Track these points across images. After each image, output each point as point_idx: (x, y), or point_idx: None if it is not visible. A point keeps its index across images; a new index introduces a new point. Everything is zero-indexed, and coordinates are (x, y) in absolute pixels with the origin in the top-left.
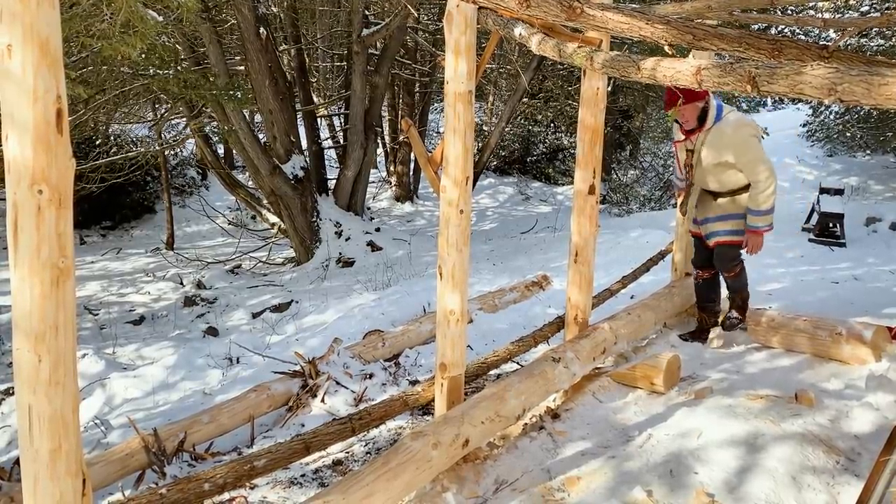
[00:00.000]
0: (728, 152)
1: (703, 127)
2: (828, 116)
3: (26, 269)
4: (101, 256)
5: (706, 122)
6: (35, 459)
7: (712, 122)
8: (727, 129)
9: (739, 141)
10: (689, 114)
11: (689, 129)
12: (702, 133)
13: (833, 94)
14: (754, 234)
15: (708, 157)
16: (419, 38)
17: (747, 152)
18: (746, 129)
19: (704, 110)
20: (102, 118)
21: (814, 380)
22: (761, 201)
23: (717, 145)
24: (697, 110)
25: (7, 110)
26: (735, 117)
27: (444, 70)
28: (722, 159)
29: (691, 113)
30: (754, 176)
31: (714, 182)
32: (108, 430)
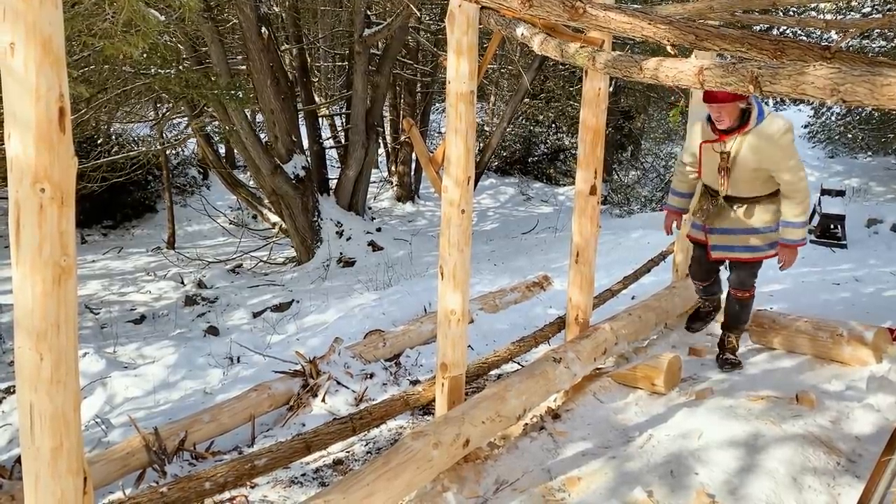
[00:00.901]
0: (770, 158)
1: (745, 128)
2: (829, 118)
3: (28, 266)
4: (102, 255)
5: (749, 122)
6: (36, 457)
7: (754, 124)
8: (772, 131)
9: (785, 145)
10: (726, 113)
11: (725, 129)
12: (741, 134)
13: (836, 94)
14: (790, 248)
15: (747, 161)
16: (421, 38)
17: (791, 158)
18: (790, 135)
19: (746, 111)
20: (104, 117)
21: (815, 381)
22: (800, 212)
23: (760, 149)
24: (738, 110)
25: (9, 108)
26: (779, 119)
27: (445, 70)
28: (763, 166)
29: (730, 112)
30: (795, 184)
31: (747, 189)
32: (108, 429)
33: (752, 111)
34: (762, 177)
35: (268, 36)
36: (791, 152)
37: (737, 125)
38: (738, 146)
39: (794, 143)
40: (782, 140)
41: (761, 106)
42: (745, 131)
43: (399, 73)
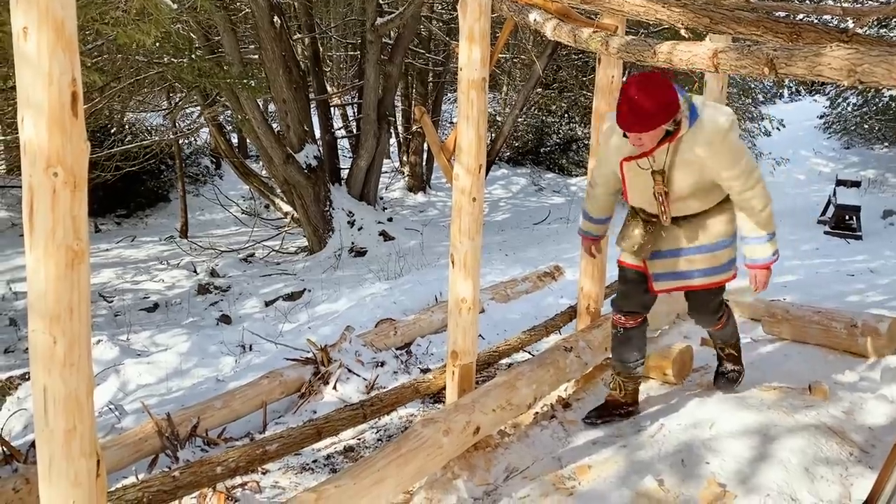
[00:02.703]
0: (713, 166)
1: (676, 135)
2: (845, 108)
3: (41, 250)
4: (115, 244)
5: (679, 128)
6: (50, 440)
7: (686, 128)
8: (711, 133)
9: (729, 146)
10: (649, 138)
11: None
12: (671, 144)
13: (853, 75)
14: (760, 269)
15: (684, 175)
16: (433, 28)
17: (738, 160)
18: (734, 132)
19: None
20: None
21: (828, 372)
22: (764, 222)
23: (698, 158)
24: (662, 131)
25: (23, 93)
26: (717, 115)
27: (457, 59)
28: (705, 176)
29: (654, 136)
30: (750, 191)
31: (690, 206)
32: (122, 415)
33: (682, 117)
34: (706, 187)
35: (280, 25)
36: (738, 153)
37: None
38: (670, 159)
39: (739, 139)
40: (726, 141)
41: (693, 105)
42: (678, 137)
43: (411, 63)
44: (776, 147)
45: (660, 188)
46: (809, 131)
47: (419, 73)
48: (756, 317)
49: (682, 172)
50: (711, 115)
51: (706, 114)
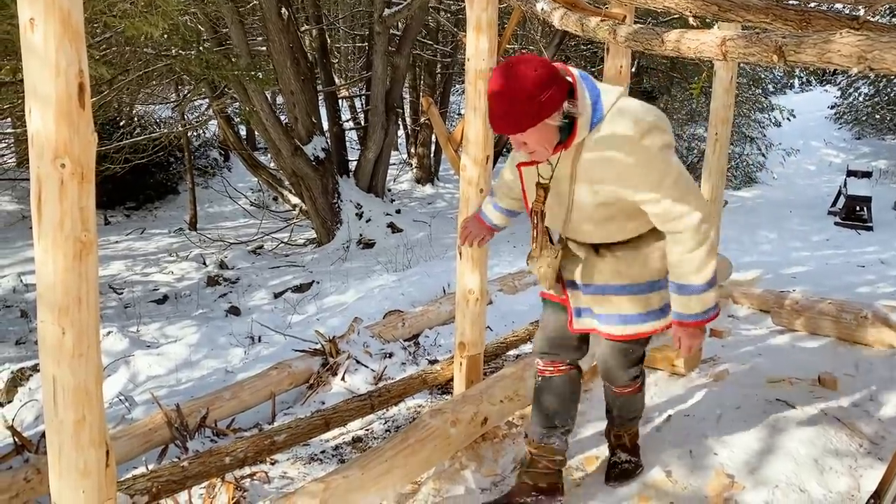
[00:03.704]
0: (621, 180)
1: (571, 140)
2: (857, 98)
3: (49, 242)
4: (125, 236)
5: (574, 133)
6: (59, 430)
7: (586, 132)
8: (618, 135)
9: (641, 162)
10: (535, 141)
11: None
12: (568, 150)
13: (863, 62)
14: (688, 327)
15: (584, 192)
16: (441, 18)
17: (659, 181)
18: (657, 136)
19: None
20: (126, 99)
21: (838, 363)
22: (695, 267)
23: (601, 169)
24: (551, 130)
25: (30, 84)
26: (630, 113)
27: (465, 49)
28: (611, 196)
29: (541, 138)
30: (675, 224)
31: (597, 232)
32: (132, 406)
33: (578, 115)
34: (626, 209)
35: (288, 17)
36: (657, 169)
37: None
38: (568, 169)
39: (663, 149)
40: (637, 151)
41: (597, 90)
42: (577, 142)
43: (419, 54)
44: (786, 138)
45: (538, 206)
46: (820, 121)
47: (427, 64)
48: (765, 308)
49: (585, 188)
50: (623, 114)
51: (616, 112)
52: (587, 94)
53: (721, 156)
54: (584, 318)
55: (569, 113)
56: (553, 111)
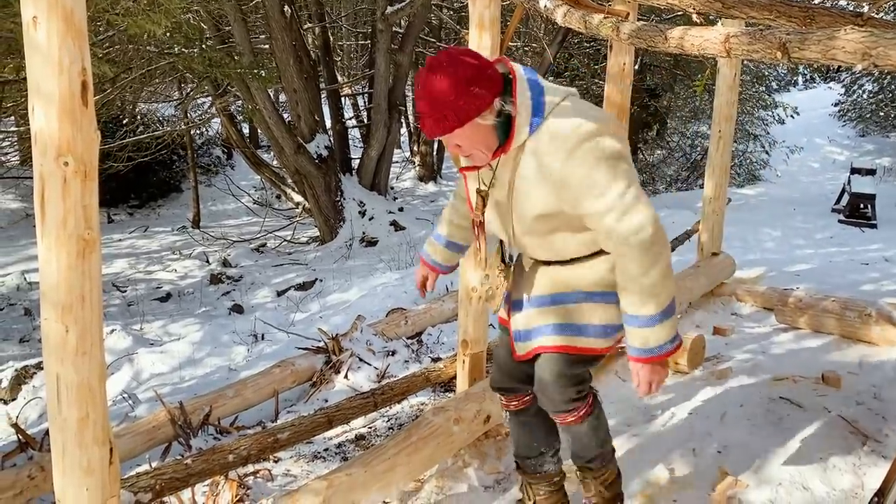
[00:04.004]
0: (560, 190)
1: (509, 144)
2: (861, 96)
3: (53, 240)
4: (128, 234)
5: (512, 135)
6: (63, 428)
7: (525, 135)
8: (557, 138)
9: (580, 168)
10: (469, 143)
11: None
12: (508, 154)
13: (867, 58)
14: (646, 363)
15: (526, 205)
16: (443, 16)
17: (602, 192)
18: (593, 144)
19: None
20: (129, 97)
21: (841, 361)
22: (645, 293)
23: (539, 176)
24: (484, 130)
25: (33, 82)
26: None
27: (468, 47)
28: (552, 207)
29: (474, 138)
30: (617, 240)
31: (540, 248)
32: (135, 404)
33: (518, 116)
34: (565, 225)
35: (290, 14)
36: (601, 174)
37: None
38: (507, 174)
39: (611, 157)
40: (577, 155)
41: (541, 87)
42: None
43: (422, 52)
44: (790, 135)
45: (477, 215)
46: (824, 119)
47: None
48: (769, 305)
49: (523, 197)
50: (565, 116)
51: (558, 114)
52: (528, 93)
53: (724, 153)
54: (520, 344)
55: (503, 111)
56: (481, 109)
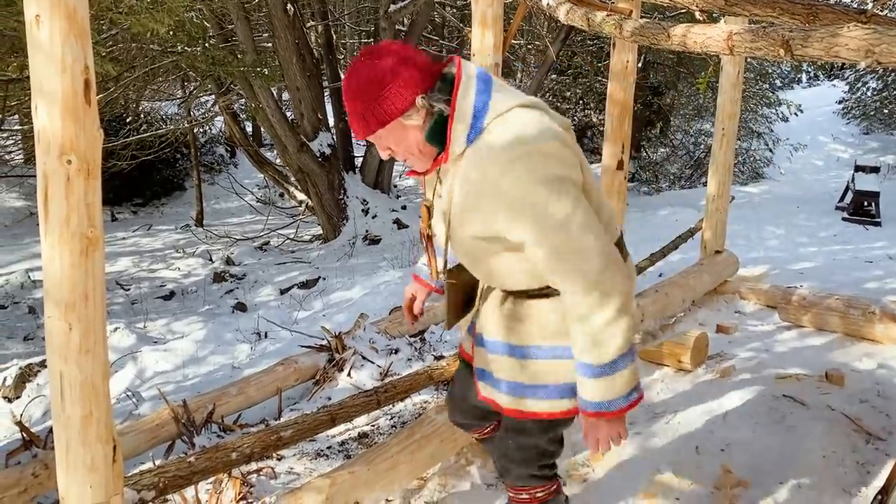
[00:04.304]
0: (488, 213)
1: (447, 151)
2: (865, 93)
3: (56, 238)
4: (132, 232)
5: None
6: (67, 426)
7: (464, 144)
8: (489, 158)
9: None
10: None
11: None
12: (448, 162)
13: (870, 55)
14: (595, 419)
15: (463, 223)
16: (447, 14)
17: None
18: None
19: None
20: (132, 95)
21: (845, 359)
22: (590, 339)
23: (469, 195)
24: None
25: (36, 81)
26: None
27: (471, 45)
28: (480, 230)
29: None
30: (556, 276)
31: (478, 271)
32: (139, 402)
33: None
34: (507, 250)
35: (293, 13)
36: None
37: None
38: (448, 185)
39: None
40: (512, 172)
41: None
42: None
43: (425, 50)
44: (794, 133)
45: (424, 228)
46: (828, 116)
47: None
48: (772, 303)
49: (459, 213)
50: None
51: (499, 123)
52: (472, 98)
53: (728, 151)
54: (481, 384)
55: (434, 113)
56: (403, 108)
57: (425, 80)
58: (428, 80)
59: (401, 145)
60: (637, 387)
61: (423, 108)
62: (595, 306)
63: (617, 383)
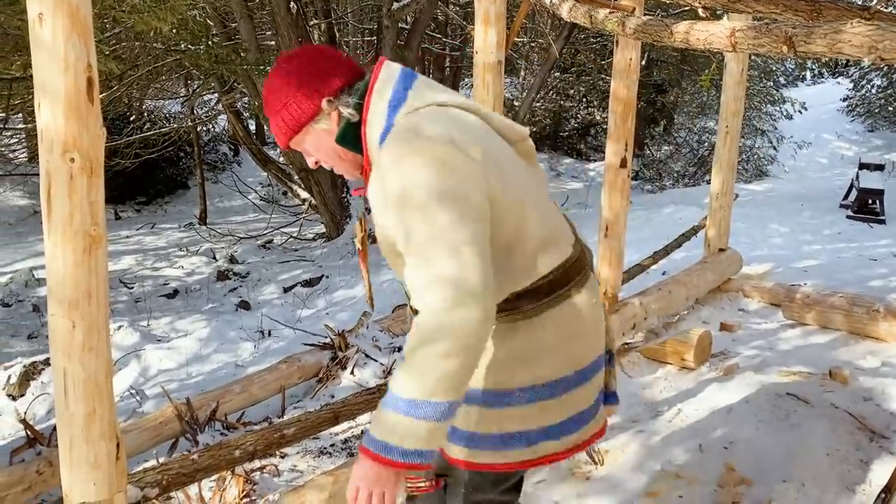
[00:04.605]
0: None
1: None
2: (869, 91)
3: (59, 236)
4: (135, 231)
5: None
6: (70, 423)
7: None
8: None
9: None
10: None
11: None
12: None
13: (874, 52)
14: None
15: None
16: (450, 12)
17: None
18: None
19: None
20: (136, 94)
21: (849, 357)
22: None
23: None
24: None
25: (39, 79)
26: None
27: (474, 43)
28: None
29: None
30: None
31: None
32: (143, 400)
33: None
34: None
35: (296, 11)
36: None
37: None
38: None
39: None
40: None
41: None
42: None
43: (428, 48)
44: (798, 130)
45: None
46: (832, 114)
47: (436, 58)
48: (776, 302)
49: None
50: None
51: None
52: (389, 95)
53: (732, 149)
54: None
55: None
56: (312, 113)
57: (334, 82)
58: (338, 83)
59: (320, 152)
60: (424, 454)
61: (334, 112)
62: (424, 341)
63: (415, 430)
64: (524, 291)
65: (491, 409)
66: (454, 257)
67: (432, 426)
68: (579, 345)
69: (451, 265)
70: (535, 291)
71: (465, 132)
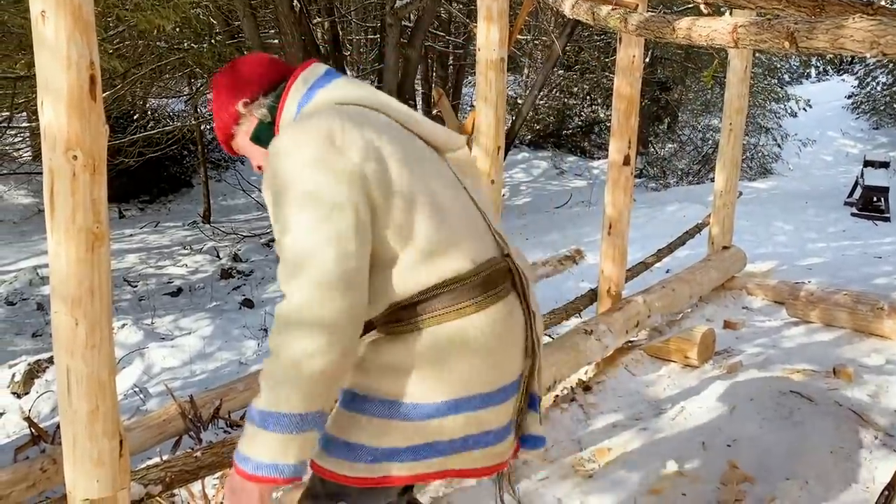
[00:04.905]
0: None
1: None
2: (874, 88)
3: (62, 234)
4: (139, 229)
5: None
6: (73, 420)
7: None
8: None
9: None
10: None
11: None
12: None
13: (876, 47)
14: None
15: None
16: (453, 10)
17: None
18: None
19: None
20: (139, 92)
21: (853, 354)
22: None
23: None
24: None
25: (42, 77)
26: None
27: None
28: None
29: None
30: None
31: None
32: (146, 398)
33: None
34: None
35: (300, 9)
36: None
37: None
38: None
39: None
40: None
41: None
42: None
43: (431, 46)
44: (802, 128)
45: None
46: (837, 111)
47: (439, 56)
48: (780, 299)
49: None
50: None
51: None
52: (299, 97)
53: (736, 146)
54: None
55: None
56: (233, 117)
57: (252, 87)
58: (254, 87)
59: (252, 156)
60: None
61: (251, 115)
62: (274, 349)
63: (268, 443)
64: (408, 302)
65: (344, 410)
66: (314, 255)
67: (286, 438)
68: (468, 370)
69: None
70: (420, 304)
71: (352, 131)
